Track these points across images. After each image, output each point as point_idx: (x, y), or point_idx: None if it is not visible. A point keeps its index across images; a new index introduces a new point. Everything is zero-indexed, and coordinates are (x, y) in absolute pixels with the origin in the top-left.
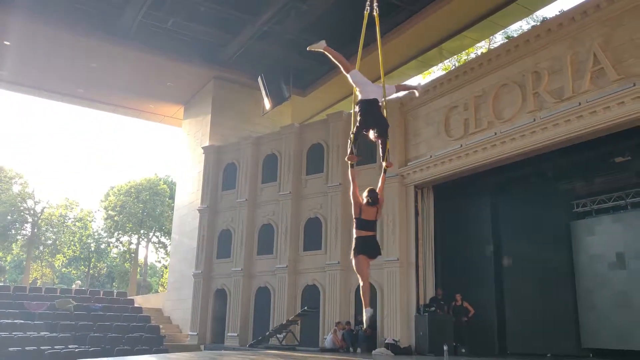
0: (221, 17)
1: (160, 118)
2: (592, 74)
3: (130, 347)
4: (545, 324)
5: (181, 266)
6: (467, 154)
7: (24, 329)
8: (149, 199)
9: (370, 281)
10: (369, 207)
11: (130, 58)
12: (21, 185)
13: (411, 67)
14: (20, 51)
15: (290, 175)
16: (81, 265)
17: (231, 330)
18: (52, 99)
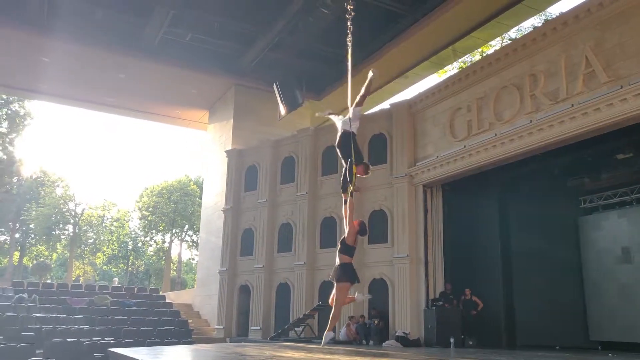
0: (235, 31)
1: (187, 123)
2: (584, 77)
3: (160, 339)
4: (554, 317)
5: (208, 263)
6: (471, 154)
7: (66, 322)
8: (179, 199)
9: (382, 277)
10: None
11: (155, 69)
12: (63, 189)
13: (425, 67)
14: (57, 66)
15: (307, 177)
16: (120, 263)
17: (254, 323)
18: (86, 108)
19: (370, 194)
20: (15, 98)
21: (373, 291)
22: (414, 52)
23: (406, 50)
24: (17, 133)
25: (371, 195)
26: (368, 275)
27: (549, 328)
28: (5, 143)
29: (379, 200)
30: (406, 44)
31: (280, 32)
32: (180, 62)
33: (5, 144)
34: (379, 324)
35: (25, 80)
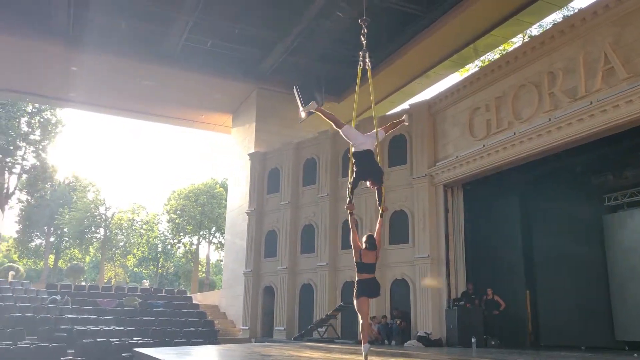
0: (254, 36)
1: (212, 127)
2: (603, 73)
3: (186, 340)
4: (579, 317)
5: (234, 265)
6: (489, 154)
7: (96, 323)
8: (206, 202)
9: (403, 277)
10: (369, 252)
11: (179, 76)
12: (94, 193)
13: (446, 66)
14: (85, 75)
15: (328, 178)
16: (150, 265)
17: (279, 324)
18: (115, 114)
19: (390, 194)
20: (47, 106)
21: (394, 292)
22: (434, 52)
23: (426, 50)
24: (49, 140)
25: (392, 196)
26: (389, 275)
27: (574, 328)
28: (39, 150)
29: (400, 201)
30: (425, 43)
31: (298, 36)
32: (203, 68)
33: (39, 151)
34: (400, 324)
35: (55, 89)
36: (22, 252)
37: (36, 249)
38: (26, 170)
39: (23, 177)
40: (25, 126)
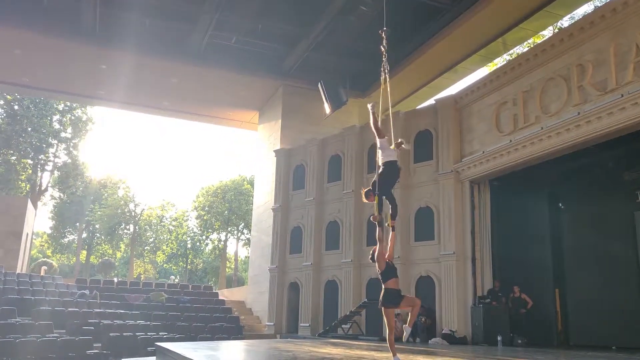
0: (278, 33)
1: (239, 124)
2: (634, 65)
3: (211, 335)
4: (610, 316)
5: (260, 261)
6: (517, 149)
7: (123, 317)
8: (234, 198)
9: (429, 274)
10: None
11: (205, 73)
12: (124, 190)
13: (474, 61)
14: (114, 73)
15: (353, 175)
16: (180, 261)
17: (304, 320)
18: (143, 112)
19: (415, 190)
20: (78, 105)
21: (420, 289)
22: (462, 46)
23: (453, 44)
24: (80, 138)
25: (417, 192)
26: (415, 272)
27: (605, 327)
28: (70, 147)
29: (425, 197)
30: (452, 37)
31: (322, 32)
32: (228, 65)
33: (70, 149)
34: (425, 321)
35: (86, 88)
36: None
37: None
38: (58, 168)
39: (55, 174)
40: (57, 124)
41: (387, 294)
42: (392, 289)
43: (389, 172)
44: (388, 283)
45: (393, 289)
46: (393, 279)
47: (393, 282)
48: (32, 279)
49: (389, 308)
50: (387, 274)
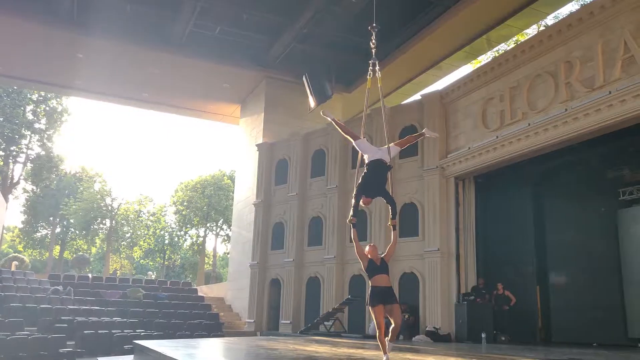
0: (263, 23)
1: (220, 117)
2: (622, 62)
3: (190, 332)
4: (591, 313)
5: (240, 257)
6: (503, 145)
7: (99, 314)
8: (213, 193)
9: (413, 271)
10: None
11: (187, 64)
12: (100, 184)
13: (459, 57)
14: (91, 62)
15: (337, 170)
16: (157, 257)
17: (285, 317)
18: (122, 103)
19: (400, 186)
20: (53, 95)
21: (403, 286)
22: (447, 42)
23: (438, 40)
24: (55, 129)
25: (401, 188)
26: (398, 269)
27: (586, 324)
28: (44, 139)
29: (410, 193)
30: (438, 33)
31: (308, 23)
32: (211, 55)
33: (44, 140)
34: (409, 318)
35: (61, 77)
36: (27, 243)
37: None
38: (31, 160)
39: (28, 166)
40: (31, 115)
41: (371, 293)
42: (376, 286)
43: (372, 172)
44: (373, 280)
45: (377, 287)
46: (377, 275)
47: (378, 279)
48: (2, 275)
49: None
50: (371, 271)
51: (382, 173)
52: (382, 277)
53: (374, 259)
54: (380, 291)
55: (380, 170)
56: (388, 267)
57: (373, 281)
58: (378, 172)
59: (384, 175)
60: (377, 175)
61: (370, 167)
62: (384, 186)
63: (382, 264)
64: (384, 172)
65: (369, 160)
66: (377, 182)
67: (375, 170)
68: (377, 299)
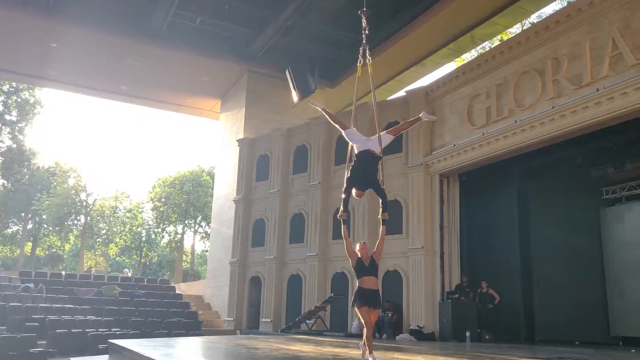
0: (245, 14)
1: (200, 112)
2: (610, 60)
3: (168, 331)
4: (574, 311)
5: (220, 254)
6: (489, 142)
7: (72, 312)
8: (192, 190)
9: (396, 269)
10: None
11: (166, 55)
12: (75, 179)
13: (443, 55)
14: (66, 52)
15: (320, 166)
16: (133, 255)
17: (265, 316)
18: (98, 96)
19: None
20: (25, 86)
21: (387, 284)
22: (431, 39)
23: (422, 37)
24: (27, 122)
25: (386, 185)
26: (382, 267)
27: (569, 323)
28: (15, 132)
29: (394, 190)
30: (422, 30)
31: (292, 15)
32: (191, 47)
33: (15, 133)
34: (392, 317)
35: (34, 67)
36: None
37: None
38: (2, 153)
39: None
40: (1, 106)
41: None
42: (363, 288)
43: (361, 164)
44: (360, 281)
45: (364, 289)
46: (365, 277)
47: (366, 280)
48: None
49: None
50: (359, 271)
51: (371, 164)
52: (370, 280)
53: (364, 259)
54: (366, 293)
55: (370, 161)
56: (377, 268)
57: (360, 282)
58: (367, 164)
59: (373, 167)
60: (367, 166)
61: (359, 158)
62: (374, 178)
63: (371, 265)
64: (373, 163)
65: (358, 151)
66: (366, 173)
67: (365, 161)
68: (362, 301)
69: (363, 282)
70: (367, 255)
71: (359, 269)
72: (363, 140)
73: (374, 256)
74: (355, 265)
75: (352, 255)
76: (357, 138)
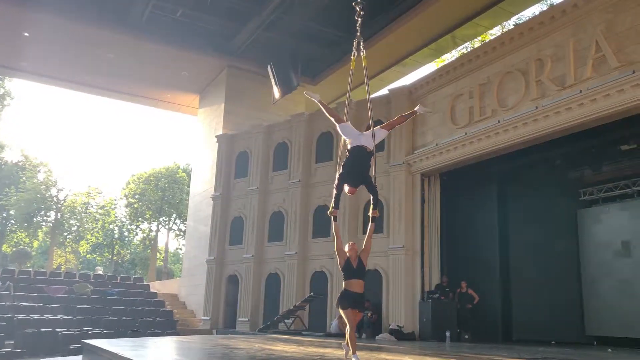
0: (228, 8)
1: (177, 107)
2: (594, 62)
3: (142, 330)
4: (551, 311)
5: (196, 252)
6: (472, 142)
7: (42, 311)
8: (167, 186)
9: (376, 268)
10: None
11: (145, 48)
12: (45, 174)
13: (424, 55)
14: (39, 43)
15: (300, 164)
16: (105, 252)
17: (242, 315)
18: (71, 88)
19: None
20: None
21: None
22: (413, 39)
23: (404, 37)
24: None
25: None
26: None
27: (545, 323)
28: None
29: None
30: (405, 29)
31: (275, 9)
32: (171, 40)
33: None
34: (372, 316)
35: (4, 57)
36: None
37: None
38: None
39: None
40: None
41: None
42: (349, 291)
43: (353, 159)
44: (347, 283)
45: (350, 292)
46: (353, 280)
47: (353, 283)
48: None
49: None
50: (346, 272)
51: (363, 160)
52: (357, 283)
53: (352, 259)
54: (352, 297)
55: (362, 157)
56: (365, 271)
57: (347, 284)
58: (360, 159)
59: (366, 163)
60: (359, 162)
61: (351, 153)
62: (366, 174)
63: (359, 267)
64: (365, 159)
65: (350, 147)
66: (358, 169)
67: (357, 157)
68: (347, 303)
69: (350, 285)
70: (356, 257)
71: (346, 270)
72: (356, 136)
73: (362, 255)
74: (343, 265)
75: (341, 254)
76: (350, 133)
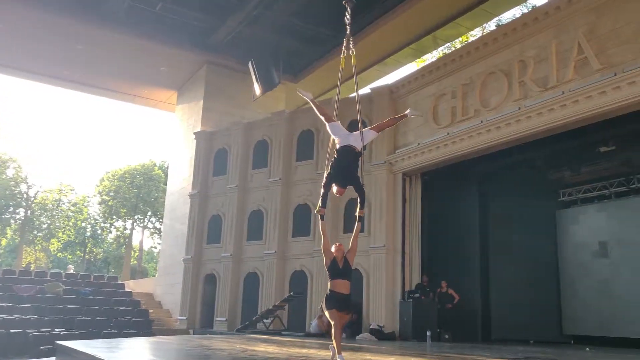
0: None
1: (154, 103)
2: (576, 63)
3: (117, 330)
4: (529, 311)
5: (172, 251)
6: (454, 142)
7: (11, 311)
8: (143, 184)
9: (357, 267)
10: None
11: (122, 42)
12: (15, 170)
13: (406, 53)
14: (7, 33)
15: (281, 162)
16: (77, 250)
17: (220, 315)
18: (43, 82)
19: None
20: None
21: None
22: (394, 38)
23: (386, 36)
24: None
25: None
26: None
27: (523, 322)
28: None
29: None
30: (387, 28)
31: (257, 4)
32: (149, 35)
33: None
34: (352, 316)
35: None
36: None
37: None
38: None
39: None
40: None
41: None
42: (334, 291)
43: (341, 159)
44: (332, 283)
45: (336, 293)
46: (338, 280)
47: (338, 284)
48: None
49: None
50: (332, 272)
51: (352, 160)
52: (343, 284)
53: (338, 260)
54: (338, 298)
55: (350, 157)
56: (351, 271)
57: (333, 285)
58: (348, 160)
59: (354, 163)
60: (347, 162)
61: (339, 153)
62: (354, 174)
63: (345, 267)
64: (354, 160)
65: (339, 147)
66: (346, 169)
67: (345, 157)
68: (331, 304)
69: (335, 285)
70: (342, 257)
71: (332, 271)
72: (345, 135)
73: (349, 256)
74: (329, 266)
75: (328, 254)
76: (339, 132)
